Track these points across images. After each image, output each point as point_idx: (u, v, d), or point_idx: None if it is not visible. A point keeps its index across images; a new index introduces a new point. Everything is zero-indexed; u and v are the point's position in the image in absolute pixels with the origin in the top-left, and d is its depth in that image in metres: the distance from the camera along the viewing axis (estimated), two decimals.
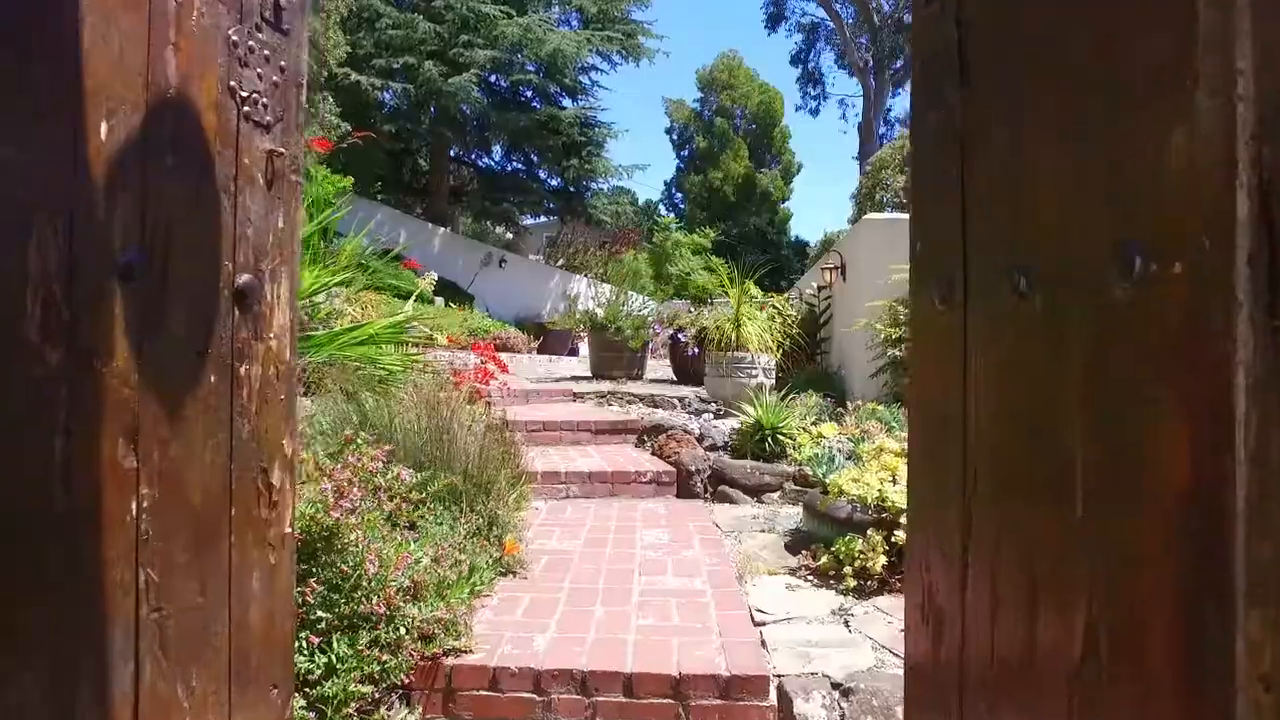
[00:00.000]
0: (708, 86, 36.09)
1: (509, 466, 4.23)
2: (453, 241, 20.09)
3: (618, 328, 8.67)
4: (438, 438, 3.03)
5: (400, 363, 4.71)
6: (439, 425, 3.06)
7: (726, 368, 6.43)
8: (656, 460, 5.17)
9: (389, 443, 2.84)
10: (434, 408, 3.17)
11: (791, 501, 4.80)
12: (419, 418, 3.10)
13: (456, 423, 3.25)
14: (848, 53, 35.90)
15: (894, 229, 6.57)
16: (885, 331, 5.88)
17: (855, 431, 5.33)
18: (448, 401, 4.41)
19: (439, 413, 3.14)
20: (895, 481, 3.31)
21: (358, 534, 2.02)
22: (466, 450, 3.13)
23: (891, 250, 6.37)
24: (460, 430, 3.23)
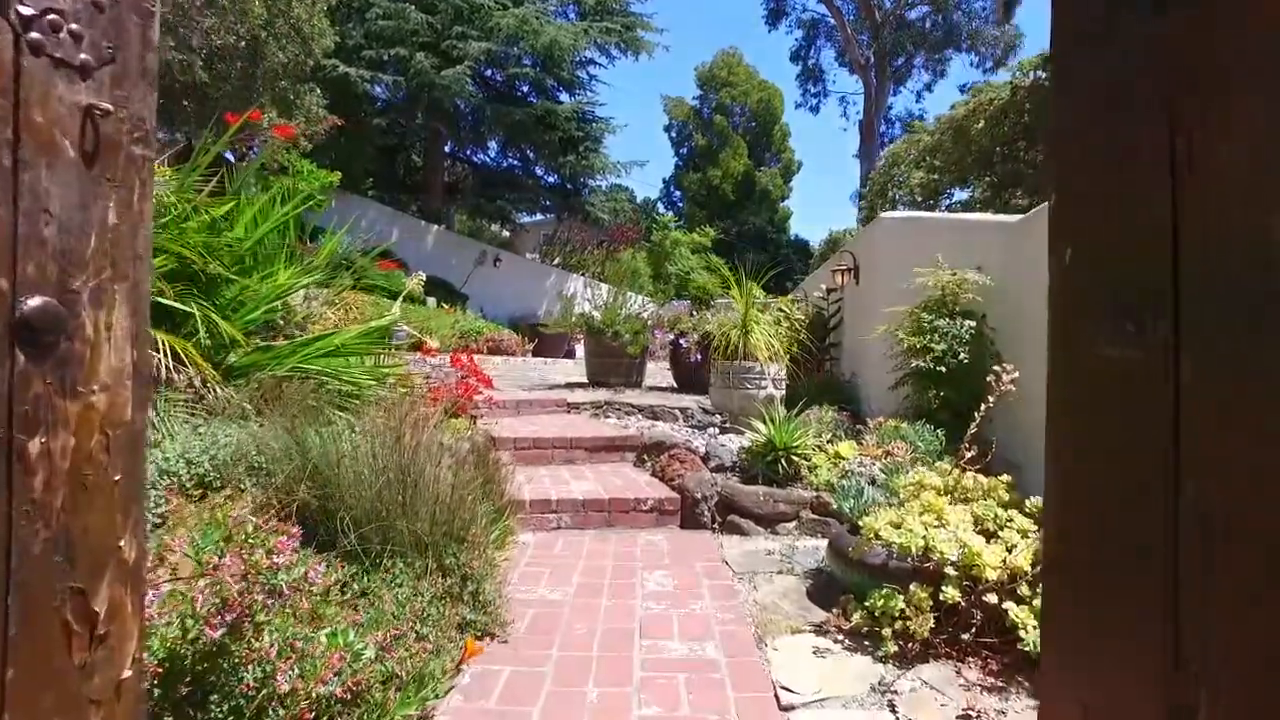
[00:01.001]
0: (707, 84, 35.62)
1: (491, 498, 3.74)
2: (446, 239, 19.57)
3: (615, 332, 8.17)
4: (400, 479, 2.53)
5: (372, 375, 4.20)
6: (401, 463, 2.57)
7: (733, 378, 5.93)
8: (658, 484, 4.67)
9: (336, 489, 2.35)
10: (398, 439, 2.67)
11: (809, 533, 4.31)
12: (375, 455, 2.60)
13: (425, 455, 2.75)
14: (848, 49, 35.51)
15: (916, 228, 6.08)
16: (908, 340, 5.39)
17: (877, 452, 4.84)
18: (417, 426, 3.93)
19: (402, 446, 2.64)
20: (941, 525, 2.82)
21: (265, 637, 1.53)
22: (436, 493, 2.63)
23: (914, 251, 5.88)
24: (428, 465, 2.73)
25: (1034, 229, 5.12)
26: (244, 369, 4.02)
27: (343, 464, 2.45)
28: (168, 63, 7.84)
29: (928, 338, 5.31)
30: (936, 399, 5.35)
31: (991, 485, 3.10)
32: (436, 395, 4.83)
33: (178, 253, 3.56)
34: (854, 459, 4.75)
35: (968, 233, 5.76)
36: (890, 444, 4.89)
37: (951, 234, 5.82)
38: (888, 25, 34.93)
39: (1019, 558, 2.66)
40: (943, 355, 5.22)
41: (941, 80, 37.82)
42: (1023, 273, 5.25)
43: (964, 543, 2.69)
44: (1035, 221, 5.10)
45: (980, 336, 5.35)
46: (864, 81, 35.40)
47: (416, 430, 2.89)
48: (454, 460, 3.86)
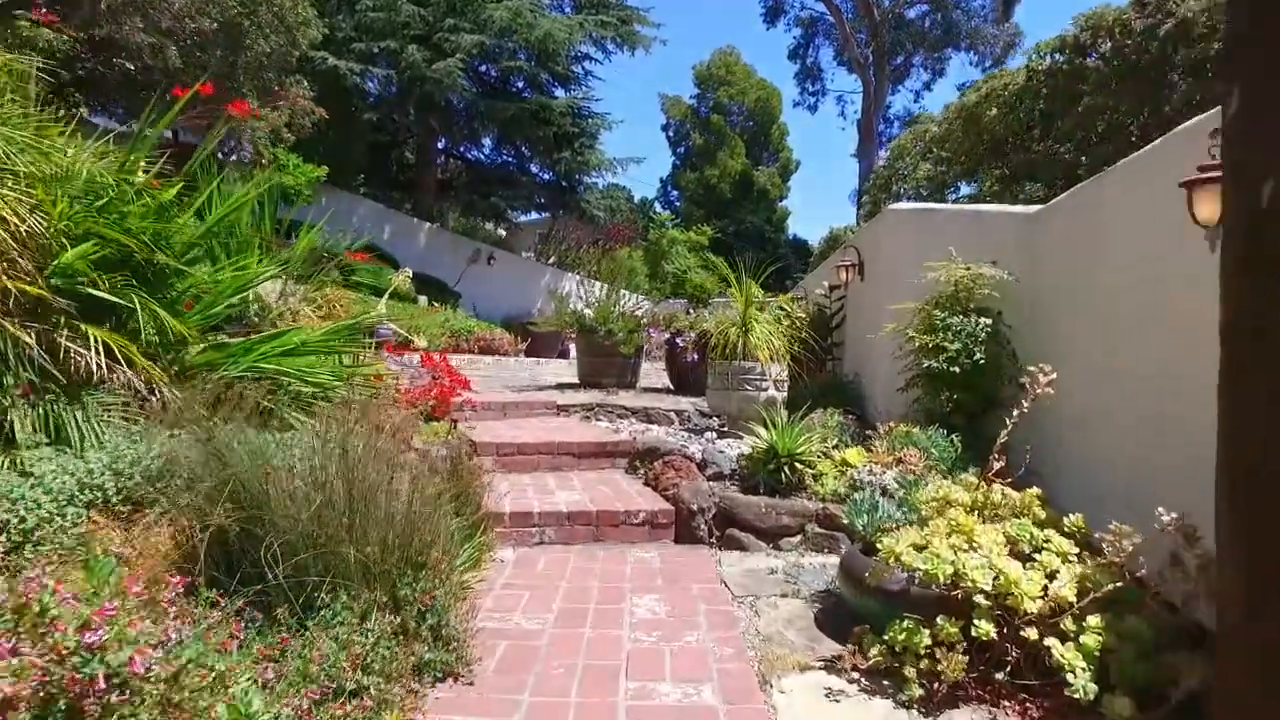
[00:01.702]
0: (705, 82, 35.32)
1: (466, 511, 3.39)
2: (439, 237, 19.20)
3: (608, 330, 7.81)
4: (346, 495, 2.17)
5: (337, 375, 3.85)
6: (349, 477, 2.21)
7: (732, 379, 5.58)
8: (650, 494, 4.32)
9: (265, 510, 1.99)
10: (344, 450, 2.30)
11: (815, 548, 3.96)
12: (318, 467, 2.23)
13: (381, 466, 2.38)
14: (847, 48, 35.23)
15: (926, 221, 5.73)
16: (919, 339, 5.04)
17: (888, 459, 4.49)
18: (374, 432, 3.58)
19: (349, 458, 2.27)
20: (971, 548, 2.46)
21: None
22: (391, 511, 2.27)
23: (923, 245, 5.53)
24: (383, 477, 2.37)
25: (1055, 220, 4.78)
26: (199, 368, 3.66)
27: (273, 479, 2.09)
28: (136, 45, 7.46)
29: (940, 336, 4.96)
30: (949, 402, 5.00)
31: (1025, 501, 2.75)
32: (409, 397, 4.48)
33: (116, 239, 3.20)
34: (863, 467, 4.40)
35: (981, 225, 5.41)
36: (901, 451, 4.54)
37: (964, 226, 5.47)
38: (886, 24, 34.66)
39: (1063, 587, 2.31)
40: (957, 355, 4.87)
41: (941, 79, 37.59)
42: (1042, 267, 4.91)
43: (999, 569, 2.34)
44: (1057, 212, 4.76)
45: (996, 335, 5.00)
46: (862, 80, 35.11)
47: (373, 437, 2.53)
48: (421, 469, 3.50)
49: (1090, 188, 4.23)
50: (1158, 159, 3.39)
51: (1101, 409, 3.90)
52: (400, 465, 2.60)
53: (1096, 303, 4.05)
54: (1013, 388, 5.13)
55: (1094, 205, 4.16)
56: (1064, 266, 4.57)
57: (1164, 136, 3.32)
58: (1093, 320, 4.09)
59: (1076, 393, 4.01)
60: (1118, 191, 3.84)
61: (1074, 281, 4.39)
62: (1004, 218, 5.36)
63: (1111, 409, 3.78)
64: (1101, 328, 3.96)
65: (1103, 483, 3.74)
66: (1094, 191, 4.19)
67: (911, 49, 36.64)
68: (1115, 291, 3.80)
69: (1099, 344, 3.96)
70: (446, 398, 4.69)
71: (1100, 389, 3.92)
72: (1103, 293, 3.97)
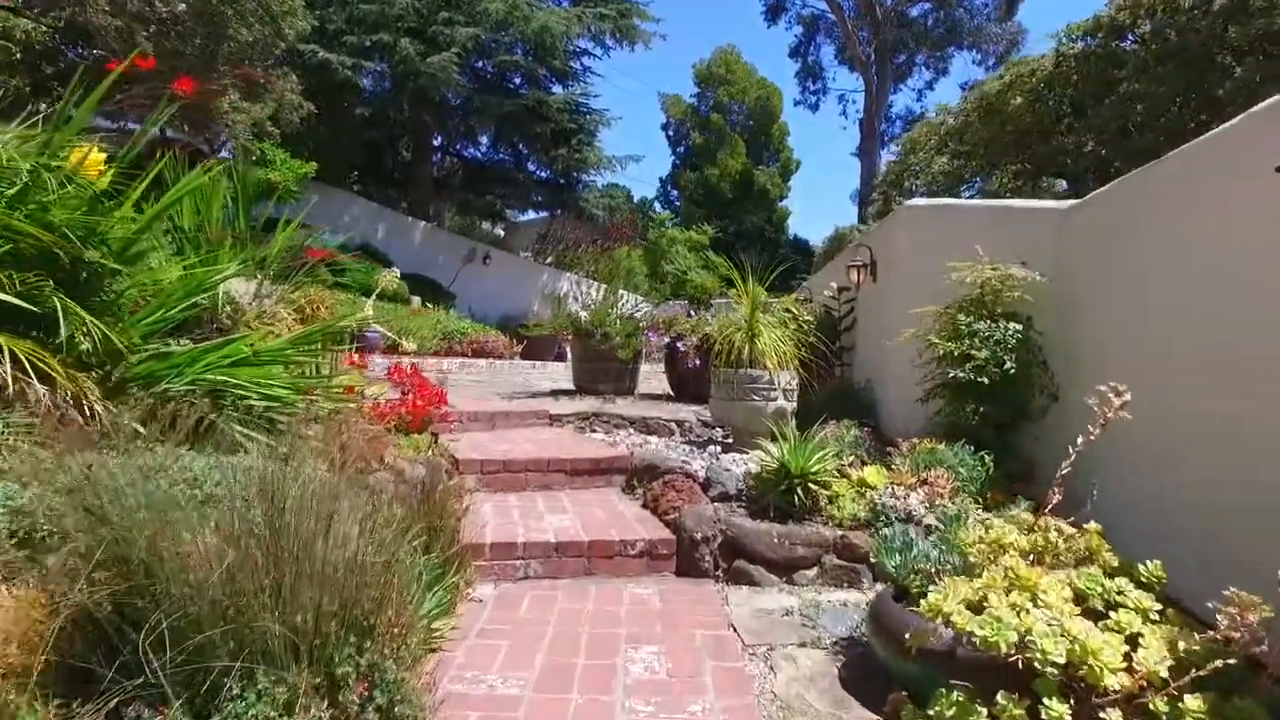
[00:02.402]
0: (705, 81, 34.96)
1: (439, 544, 2.97)
2: (434, 237, 18.78)
3: (605, 334, 7.39)
4: (272, 549, 1.74)
5: (297, 388, 3.42)
6: (278, 526, 1.77)
7: (738, 388, 5.15)
8: (649, 519, 3.90)
9: (155, 577, 1.56)
10: (269, 494, 1.87)
11: (834, 582, 3.54)
12: (236, 513, 1.79)
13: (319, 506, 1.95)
14: (849, 46, 34.87)
15: (947, 217, 5.31)
16: (943, 346, 4.62)
17: (911, 480, 4.06)
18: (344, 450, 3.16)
19: (275, 497, 1.84)
20: (1036, 604, 2.04)
21: None
22: (330, 564, 1.84)
23: (944, 244, 5.12)
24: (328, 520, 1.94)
25: (1094, 216, 4.36)
26: (138, 381, 3.24)
27: (167, 534, 1.65)
28: (100, 29, 7.03)
29: (966, 343, 4.54)
30: (975, 414, 4.58)
31: (1091, 545, 2.32)
32: (378, 412, 4.05)
33: (31, 234, 2.77)
34: (884, 489, 3.98)
35: (1009, 221, 4.99)
36: (926, 471, 4.12)
37: (989, 223, 5.06)
38: (889, 22, 34.29)
39: (1149, 657, 1.89)
40: (985, 364, 4.44)
41: (943, 78, 37.12)
42: (1077, 268, 4.49)
43: (1072, 635, 1.92)
44: (1096, 207, 4.34)
45: (1025, 342, 4.58)
46: (864, 79, 34.74)
47: (316, 466, 2.10)
48: (382, 499, 3.08)
49: (1141, 178, 3.80)
50: (1240, 140, 2.96)
51: (1150, 437, 3.48)
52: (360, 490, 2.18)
53: (1148, 309, 3.63)
54: (1043, 399, 4.72)
55: (1145, 197, 3.73)
56: (1105, 268, 4.14)
57: (1245, 114, 2.89)
58: (1142, 328, 3.67)
59: None
60: (1181, 181, 3.40)
61: (1117, 284, 3.96)
62: (1034, 214, 4.94)
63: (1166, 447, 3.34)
64: (1154, 337, 3.54)
65: (1161, 521, 3.30)
66: (1145, 182, 3.76)
67: (914, 47, 36.31)
68: (1170, 304, 3.38)
69: (1151, 357, 3.52)
70: (420, 413, 4.27)
71: (1153, 414, 3.50)
72: (1156, 298, 3.54)
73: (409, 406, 4.15)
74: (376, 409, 4.09)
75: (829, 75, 37.62)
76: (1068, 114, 10.32)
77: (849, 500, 3.99)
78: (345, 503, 2.25)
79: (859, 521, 3.83)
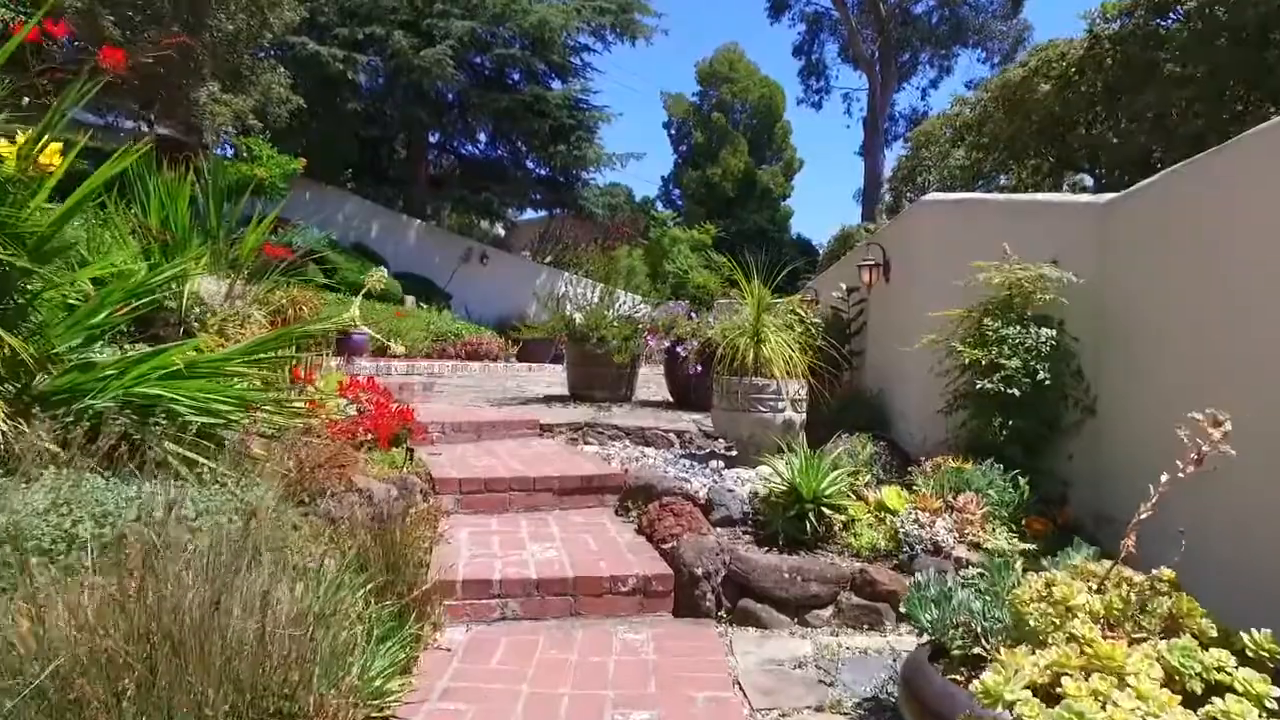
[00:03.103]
0: (707, 80, 34.54)
1: (398, 586, 2.56)
2: (430, 235, 18.38)
3: (601, 337, 6.98)
4: (170, 625, 1.33)
5: (241, 403, 3.01)
6: (177, 601, 1.36)
7: (742, 398, 4.73)
8: (644, 548, 3.48)
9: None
10: (132, 587, 1.44)
11: (852, 623, 3.12)
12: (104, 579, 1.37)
13: (205, 580, 1.53)
14: (853, 44, 34.50)
15: (969, 213, 4.88)
16: (968, 354, 4.21)
17: (936, 504, 3.65)
18: (304, 471, 2.83)
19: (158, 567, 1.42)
20: (1122, 688, 1.62)
21: None
22: (238, 637, 1.43)
23: (967, 242, 4.70)
24: (205, 587, 1.52)
25: (1140, 209, 3.94)
26: (61, 396, 2.83)
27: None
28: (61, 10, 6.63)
29: (994, 350, 4.12)
30: (1003, 429, 4.15)
31: (1183, 608, 1.90)
32: (348, 427, 3.64)
33: None
34: (906, 514, 3.56)
35: (1039, 216, 4.57)
36: (951, 494, 3.70)
37: (1016, 219, 4.64)
38: (893, 19, 33.92)
39: None
40: (1015, 374, 4.03)
41: (948, 77, 36.68)
42: (1119, 266, 4.08)
43: None
44: (1143, 199, 3.92)
45: (1059, 349, 4.17)
46: (868, 76, 34.35)
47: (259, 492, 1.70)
48: (338, 532, 2.69)
49: (1204, 164, 3.35)
50: None
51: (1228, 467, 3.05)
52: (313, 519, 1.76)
53: (1209, 316, 3.21)
54: (1077, 412, 4.29)
55: (1211, 186, 3.30)
56: (1163, 266, 3.71)
57: None
58: (1203, 338, 3.24)
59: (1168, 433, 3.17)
60: (1263, 164, 2.95)
61: (1181, 284, 3.52)
62: (1068, 208, 4.52)
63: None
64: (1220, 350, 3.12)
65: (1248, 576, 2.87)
66: (1209, 168, 3.31)
67: (918, 45, 35.97)
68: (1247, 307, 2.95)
69: (1232, 374, 3.08)
70: (386, 429, 3.86)
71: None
72: (1221, 302, 3.12)
73: (368, 424, 3.73)
74: (340, 424, 3.68)
75: (832, 73, 37.28)
76: (1100, 100, 9.64)
77: (867, 527, 3.58)
78: (268, 553, 1.85)
79: (879, 552, 3.42)
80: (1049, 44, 10.05)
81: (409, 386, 6.73)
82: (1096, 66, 9.21)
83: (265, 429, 3.12)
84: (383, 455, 4.34)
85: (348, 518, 3.28)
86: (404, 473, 4.03)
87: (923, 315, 4.90)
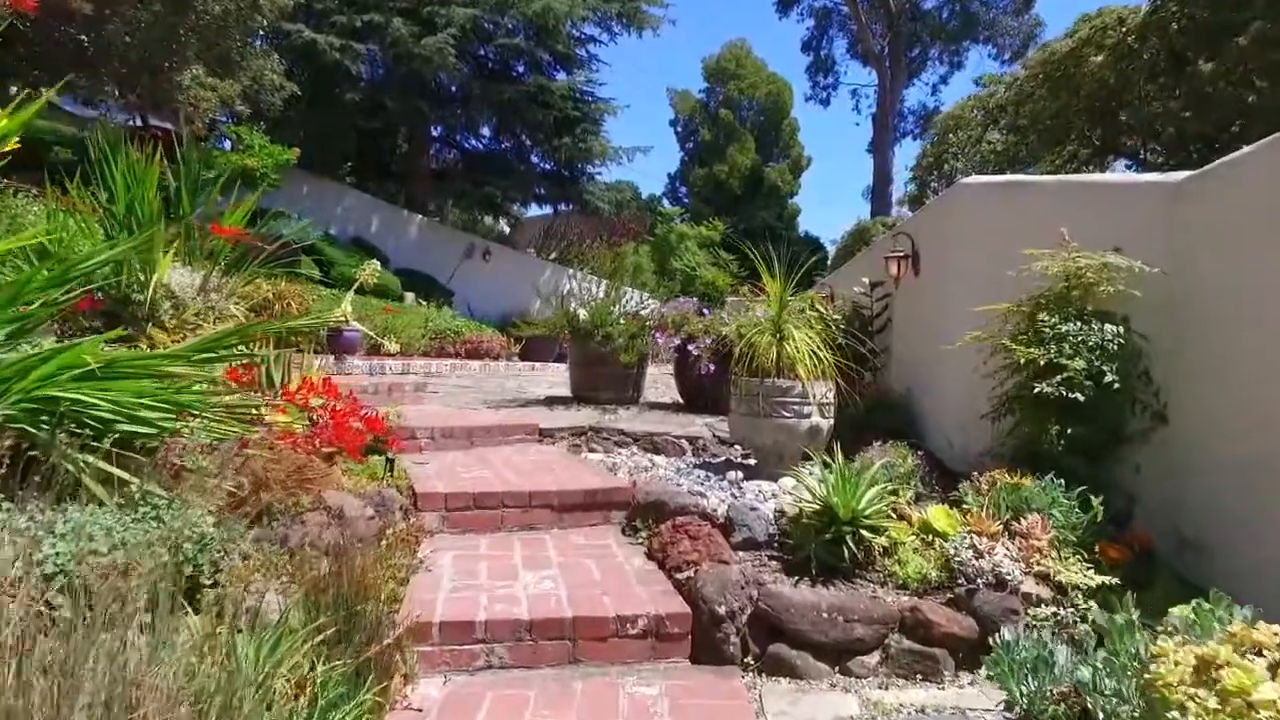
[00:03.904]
0: (714, 76, 34.08)
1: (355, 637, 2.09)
2: (432, 230, 17.93)
3: (606, 335, 6.50)
4: None
5: (171, 410, 2.53)
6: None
7: (764, 402, 4.24)
8: (655, 577, 3.00)
9: None
10: None
11: (904, 672, 2.63)
12: None
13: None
14: (862, 39, 34.07)
15: (1018, 197, 4.37)
16: (1023, 353, 3.71)
17: (993, 527, 3.15)
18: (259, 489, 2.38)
19: None
20: None
21: None
22: None
23: (1013, 229, 4.22)
24: None
25: (1223, 189, 3.44)
26: None
27: None
28: None
29: (1053, 349, 3.63)
30: (1061, 437, 3.66)
31: None
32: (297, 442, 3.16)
33: None
34: (959, 538, 3.07)
35: (1096, 200, 4.08)
36: (1023, 521, 3.19)
37: (1069, 203, 4.15)
38: (903, 15, 33.45)
39: None
40: (1077, 376, 3.53)
41: (958, 73, 36.22)
42: (1196, 253, 3.58)
43: None
44: (1225, 178, 3.42)
45: (1127, 348, 3.67)
46: (878, 72, 33.89)
47: None
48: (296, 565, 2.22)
49: None
50: None
51: None
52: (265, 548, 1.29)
53: None
54: (1145, 419, 3.79)
55: None
56: (1243, 254, 3.23)
57: None
58: None
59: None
60: None
61: (1267, 277, 3.04)
62: (1132, 190, 4.03)
63: None
64: None
65: None
66: None
67: (928, 41, 35.54)
68: None
69: None
70: (353, 442, 3.37)
71: None
72: None
73: (328, 436, 3.25)
74: (288, 440, 3.20)
75: (841, 69, 36.88)
76: (1164, 71, 8.65)
77: (912, 552, 3.10)
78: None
79: (929, 583, 2.93)
80: (1101, 12, 9.31)
81: (399, 387, 6.26)
82: (1161, 31, 8.38)
83: (207, 438, 2.65)
84: (361, 468, 3.87)
85: (309, 542, 2.82)
86: (382, 486, 3.56)
87: (960, 310, 4.41)
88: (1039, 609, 2.67)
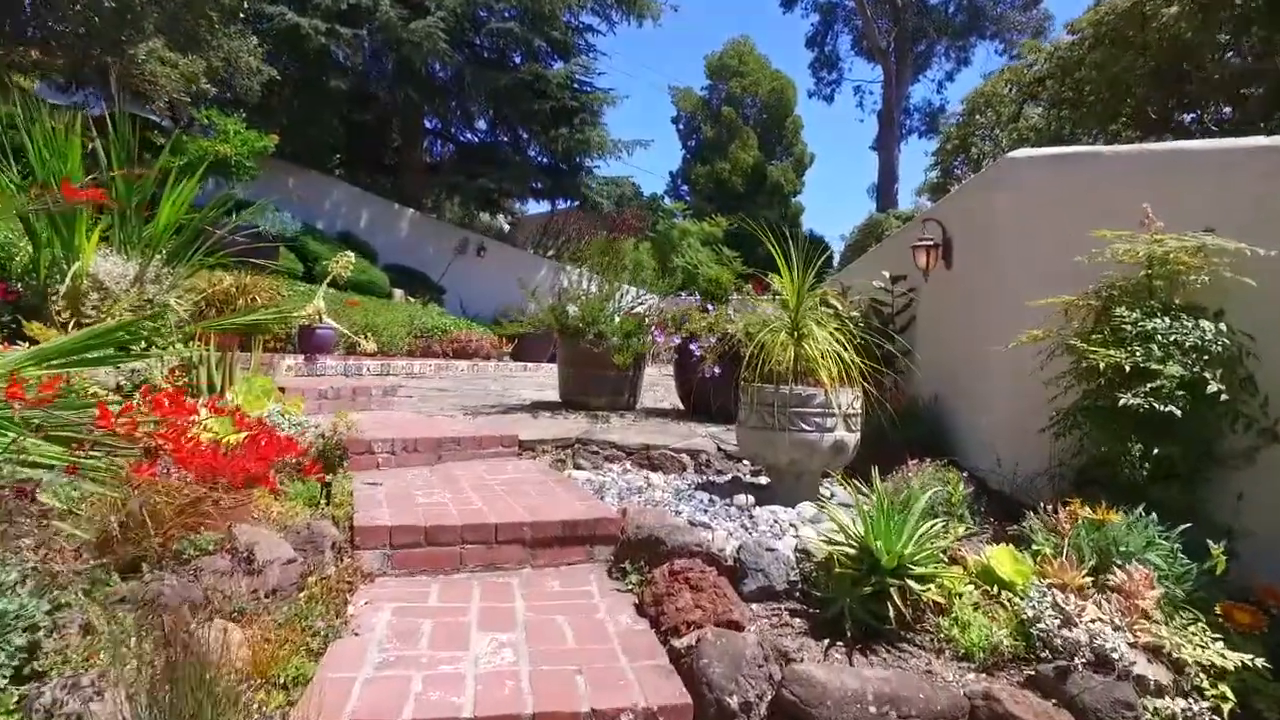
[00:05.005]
0: (716, 74, 33.50)
1: None
2: (423, 225, 17.26)
3: (599, 333, 5.83)
4: None
5: (13, 427, 1.86)
6: None
7: (779, 412, 3.56)
8: (647, 644, 2.33)
9: None
10: None
11: None
12: None
13: None
14: (867, 35, 33.49)
15: (1075, 172, 3.69)
16: (1102, 356, 3.02)
17: (1077, 579, 2.47)
18: None
19: None
20: None
21: None
22: None
23: (1069, 210, 3.56)
24: None
25: None
26: None
27: None
28: None
29: (1138, 351, 2.95)
30: (1145, 459, 2.98)
31: None
32: (200, 460, 2.49)
33: None
34: (1035, 594, 2.40)
35: (1175, 173, 3.41)
36: (1114, 574, 2.51)
37: (1143, 175, 3.49)
38: (909, 9, 32.85)
39: None
40: (1168, 385, 2.85)
41: (964, 69, 35.62)
42: None
43: None
44: None
45: (1230, 349, 3.00)
46: (883, 68, 33.32)
47: None
48: None
49: None
50: None
51: None
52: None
53: None
54: (1250, 436, 3.09)
55: None
56: None
57: None
58: None
59: None
60: None
61: None
62: (1223, 157, 3.35)
63: None
64: None
65: None
66: None
67: (935, 36, 34.94)
68: None
69: None
70: (262, 459, 2.68)
71: None
72: None
73: (237, 464, 2.56)
74: (195, 459, 2.53)
75: (846, 65, 36.37)
76: (1258, 19, 7.32)
77: (972, 609, 2.43)
78: None
79: (1001, 655, 2.26)
80: None
81: (363, 391, 5.58)
82: None
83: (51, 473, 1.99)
84: (296, 490, 3.21)
85: (192, 602, 2.15)
86: (314, 519, 2.89)
87: (1007, 304, 3.76)
88: (1160, 699, 1.99)
